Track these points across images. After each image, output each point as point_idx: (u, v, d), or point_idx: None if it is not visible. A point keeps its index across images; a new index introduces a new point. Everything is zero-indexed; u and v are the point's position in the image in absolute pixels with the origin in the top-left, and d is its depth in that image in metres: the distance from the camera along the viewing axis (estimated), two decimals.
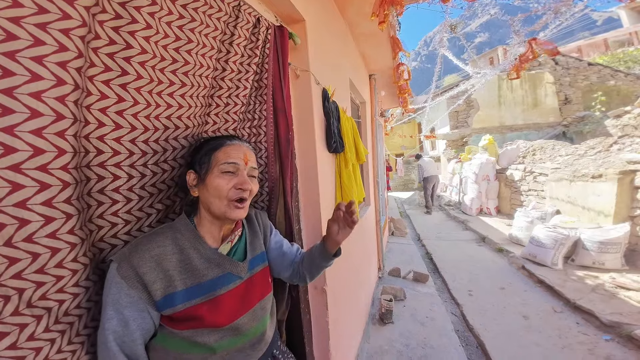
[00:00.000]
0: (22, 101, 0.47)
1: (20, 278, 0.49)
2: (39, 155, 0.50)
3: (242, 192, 0.72)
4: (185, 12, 0.75)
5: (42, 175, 0.50)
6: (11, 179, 0.47)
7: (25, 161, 0.48)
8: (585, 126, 9.01)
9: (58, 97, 0.51)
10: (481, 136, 8.47)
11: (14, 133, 0.47)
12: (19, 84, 0.47)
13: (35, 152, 0.49)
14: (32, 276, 0.51)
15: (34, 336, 0.51)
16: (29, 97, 0.48)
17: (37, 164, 0.50)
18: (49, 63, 0.50)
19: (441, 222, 7.06)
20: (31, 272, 0.50)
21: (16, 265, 0.48)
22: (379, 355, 2.23)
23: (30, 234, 0.50)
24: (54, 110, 0.51)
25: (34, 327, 0.51)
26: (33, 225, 0.50)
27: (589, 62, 10.78)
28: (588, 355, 2.11)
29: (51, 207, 0.52)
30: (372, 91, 3.45)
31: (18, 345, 0.49)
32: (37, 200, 0.50)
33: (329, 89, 1.55)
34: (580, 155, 5.10)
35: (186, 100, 0.79)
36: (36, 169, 0.50)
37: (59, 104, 0.51)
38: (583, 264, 3.41)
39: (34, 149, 0.49)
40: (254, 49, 0.98)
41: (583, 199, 4.16)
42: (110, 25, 0.60)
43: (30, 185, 0.49)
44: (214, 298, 0.69)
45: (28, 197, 0.49)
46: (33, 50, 0.48)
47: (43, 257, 0.52)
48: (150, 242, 0.65)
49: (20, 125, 0.47)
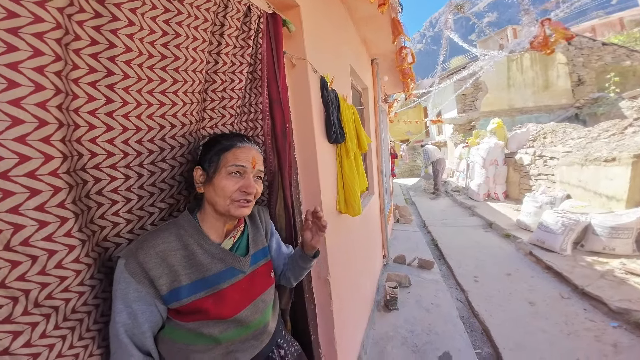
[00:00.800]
0: (1, 109, 0.46)
1: (24, 280, 0.51)
2: (25, 162, 0.50)
3: (246, 195, 0.74)
4: (171, 5, 0.71)
5: (31, 181, 0.51)
6: (0, 186, 0.47)
7: (12, 169, 0.48)
8: (599, 108, 8.68)
9: (39, 103, 0.50)
10: (489, 120, 8.24)
11: None
12: None
13: (21, 159, 0.49)
14: (35, 277, 0.53)
15: (45, 334, 0.54)
16: (7, 105, 0.47)
17: (25, 171, 0.50)
18: (25, 69, 0.48)
19: (447, 208, 7.01)
20: (34, 274, 0.52)
21: (18, 267, 0.50)
22: (384, 342, 2.27)
23: (26, 238, 0.51)
24: (35, 117, 0.50)
25: (44, 325, 0.54)
26: (28, 229, 0.51)
27: (603, 42, 10.29)
28: (594, 342, 2.10)
29: (44, 211, 0.53)
30: (375, 76, 3.34)
31: (32, 343, 0.52)
32: (29, 205, 0.51)
33: (327, 77, 1.50)
34: (593, 138, 4.93)
35: (179, 97, 0.77)
36: (24, 175, 0.50)
37: (41, 110, 0.51)
38: (593, 249, 3.35)
39: (19, 156, 0.49)
40: (246, 39, 0.94)
41: (595, 183, 4.04)
42: (91, 24, 0.58)
43: (20, 191, 0.50)
44: (218, 292, 0.72)
45: (20, 203, 0.50)
46: (6, 57, 0.46)
47: (41, 259, 0.53)
48: (155, 239, 0.67)
49: (2, 134, 0.47)
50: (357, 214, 1.75)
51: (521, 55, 9.80)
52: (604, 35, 14.80)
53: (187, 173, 0.83)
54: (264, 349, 0.82)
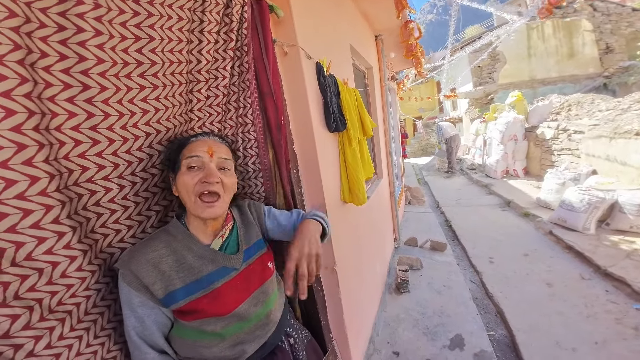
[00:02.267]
0: None
1: (35, 290, 0.55)
2: (11, 186, 0.51)
3: (208, 185, 0.71)
4: (140, 7, 0.67)
5: (22, 202, 0.52)
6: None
7: (0, 192, 0.50)
8: (630, 77, 8.00)
9: (13, 128, 0.50)
10: (508, 92, 7.74)
11: None
12: None
13: (7, 183, 0.50)
14: (45, 287, 0.56)
15: (63, 336, 0.58)
16: None
17: (13, 194, 0.51)
18: None
19: (462, 187, 6.82)
20: (42, 284, 0.56)
21: (28, 280, 0.54)
22: (395, 324, 2.30)
23: (29, 253, 0.54)
24: (12, 142, 0.50)
25: (60, 329, 0.58)
26: (29, 245, 0.54)
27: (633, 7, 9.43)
28: (615, 324, 2.03)
29: (39, 228, 0.55)
30: (380, 54, 3.17)
31: (53, 345, 0.56)
32: (24, 224, 0.53)
33: (323, 62, 1.42)
34: (624, 110, 4.53)
35: (161, 102, 0.75)
36: (14, 198, 0.51)
37: (17, 134, 0.51)
38: (619, 228, 3.18)
39: (4, 180, 0.50)
40: (228, 32, 0.89)
41: (624, 157, 3.76)
42: (56, 39, 0.56)
43: (13, 213, 0.51)
44: (213, 291, 0.73)
45: (15, 222, 0.52)
46: None
47: (46, 270, 0.56)
48: (145, 248, 0.69)
49: None
50: (362, 203, 1.72)
51: (542, 22, 9.02)
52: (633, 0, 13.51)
53: (166, 179, 0.82)
54: (271, 338, 0.84)
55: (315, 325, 1.30)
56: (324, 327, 1.33)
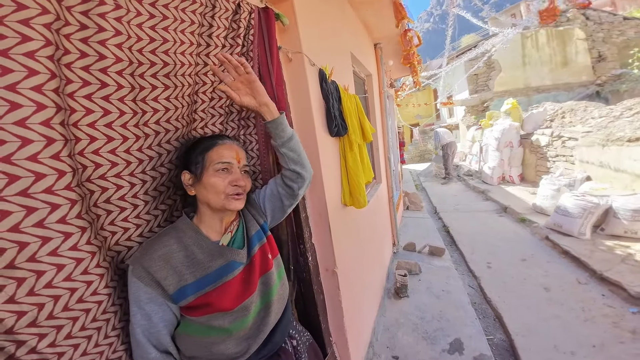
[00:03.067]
0: (10, 130, 0.48)
1: (52, 287, 0.55)
2: (41, 179, 0.52)
3: (237, 188, 0.77)
4: (156, 10, 0.70)
5: (50, 197, 0.53)
6: (23, 203, 0.50)
7: (30, 186, 0.51)
8: (622, 85, 8.18)
9: (43, 122, 0.51)
10: (503, 100, 7.88)
11: (12, 161, 0.48)
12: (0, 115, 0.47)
13: (37, 177, 0.51)
14: (63, 284, 0.56)
15: (70, 335, 0.58)
16: (14, 125, 0.48)
17: (42, 188, 0.52)
18: (24, 89, 0.49)
19: (459, 193, 6.87)
20: (60, 281, 0.56)
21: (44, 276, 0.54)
22: (394, 328, 2.30)
23: (54, 249, 0.54)
24: (43, 136, 0.51)
25: (69, 328, 0.58)
26: (55, 241, 0.54)
27: (624, 16, 9.69)
28: (612, 328, 2.05)
29: (66, 223, 0.56)
30: (379, 62, 3.24)
31: (57, 344, 0.56)
32: (52, 219, 0.54)
33: (325, 68, 1.46)
34: (616, 117, 4.64)
35: (171, 102, 0.78)
36: (43, 192, 0.52)
37: (46, 129, 0.52)
38: (614, 233, 3.22)
39: (34, 174, 0.51)
40: (235, 37, 0.92)
41: (617, 164, 3.84)
42: (78, 37, 0.58)
43: (41, 207, 0.52)
44: (221, 285, 0.75)
45: (43, 217, 0.53)
46: (3, 79, 0.47)
47: (68, 267, 0.57)
48: (156, 244, 0.71)
49: (15, 154, 0.48)
50: (363, 206, 1.74)
51: (536, 31, 9.24)
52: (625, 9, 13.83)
53: (175, 178, 0.85)
54: (275, 337, 0.85)
55: (315, 328, 1.30)
56: (324, 330, 1.34)
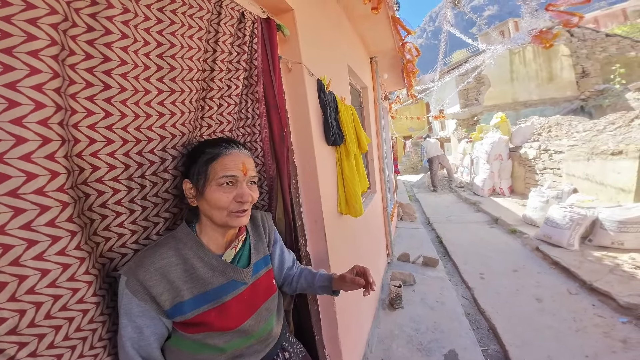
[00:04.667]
0: (4, 128, 0.47)
1: (34, 293, 0.52)
2: (32, 180, 0.50)
3: (242, 205, 0.71)
4: (163, 15, 0.71)
5: (40, 198, 0.51)
6: (11, 204, 0.48)
7: (20, 186, 0.49)
8: (604, 100, 8.53)
9: (40, 121, 0.50)
10: (493, 114, 8.16)
11: (3, 160, 0.47)
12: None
13: (29, 177, 0.50)
14: (46, 290, 0.53)
15: (53, 344, 0.55)
16: (10, 124, 0.47)
17: (33, 189, 0.50)
18: (24, 88, 0.48)
19: (452, 205, 6.96)
20: (43, 287, 0.53)
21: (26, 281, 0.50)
22: (389, 340, 2.27)
23: (40, 253, 0.52)
24: (38, 135, 0.50)
25: (52, 337, 0.54)
26: (41, 244, 0.52)
27: (606, 32, 10.14)
28: (603, 337, 2.08)
29: (54, 226, 0.54)
30: (374, 75, 3.32)
31: (38, 353, 0.52)
32: (40, 221, 0.51)
33: (324, 79, 1.50)
34: (599, 131, 4.85)
35: (178, 107, 0.77)
36: (33, 193, 0.50)
37: (43, 128, 0.51)
38: (601, 244, 3.31)
39: (26, 174, 0.49)
40: (241, 45, 0.94)
41: (602, 176, 3.98)
42: (84, 39, 0.58)
43: (30, 208, 0.50)
44: (221, 304, 0.71)
45: (31, 219, 0.50)
46: (4, 77, 0.47)
47: (53, 272, 0.54)
48: (153, 255, 0.66)
49: (7, 153, 0.47)
50: (359, 215, 1.75)
51: (523, 48, 9.67)
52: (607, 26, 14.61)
53: (179, 185, 0.81)
54: (270, 352, 0.82)
55: (308, 340, 1.27)
56: (317, 342, 1.31)
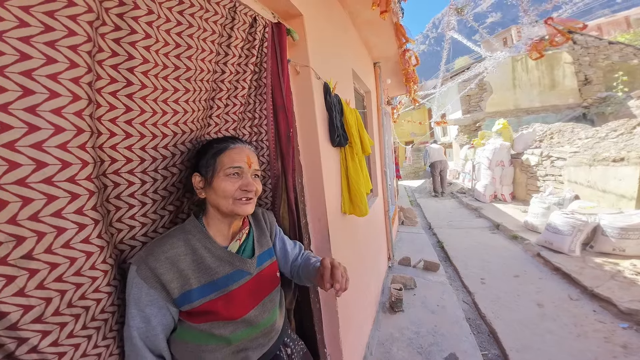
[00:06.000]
0: (45, 118, 0.49)
1: (61, 281, 0.53)
2: (67, 168, 0.53)
3: (247, 193, 0.76)
4: (183, 18, 0.75)
5: (72, 186, 0.54)
6: (45, 191, 0.50)
7: (55, 174, 0.51)
8: (607, 107, 8.53)
9: (76, 112, 0.54)
10: (495, 120, 8.19)
11: (43, 148, 0.50)
12: (39, 102, 0.49)
13: (64, 165, 0.52)
14: (71, 278, 0.55)
15: (72, 334, 0.56)
16: (50, 113, 0.50)
17: (66, 176, 0.53)
18: (64, 80, 0.51)
19: (453, 210, 6.96)
20: (70, 275, 0.55)
21: (57, 269, 0.53)
22: (389, 343, 2.27)
23: (67, 241, 0.54)
24: (74, 125, 0.53)
25: (72, 326, 0.56)
26: (69, 232, 0.54)
27: (609, 40, 10.13)
28: (604, 343, 2.07)
29: (82, 214, 0.56)
30: (377, 80, 3.37)
31: (59, 343, 0.53)
32: (70, 209, 0.54)
33: (330, 82, 1.54)
34: (601, 138, 4.87)
35: (190, 105, 0.81)
36: (66, 180, 0.53)
37: (78, 119, 0.54)
38: (602, 250, 3.30)
39: (62, 162, 0.52)
40: (251, 48, 0.98)
41: (603, 183, 3.99)
42: (111, 37, 0.61)
43: (62, 196, 0.53)
44: (227, 293, 0.74)
45: (62, 207, 0.53)
46: (47, 68, 0.49)
47: (79, 260, 0.56)
48: (164, 245, 0.69)
49: (47, 141, 0.50)
50: (364, 214, 1.77)
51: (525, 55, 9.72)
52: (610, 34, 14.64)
53: (185, 180, 0.85)
54: (272, 347, 0.85)
55: (310, 338, 1.29)
56: (318, 342, 1.32)
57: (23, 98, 0.47)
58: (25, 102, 0.47)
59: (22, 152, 0.47)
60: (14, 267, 0.47)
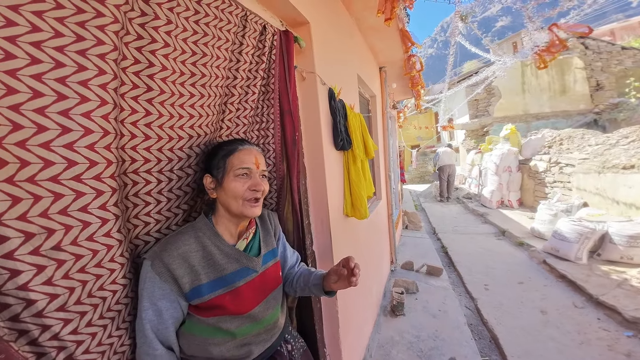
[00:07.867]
0: (76, 120, 0.55)
1: (84, 272, 0.58)
2: (94, 166, 0.58)
3: (256, 193, 0.80)
4: (198, 27, 0.81)
5: (98, 183, 0.59)
6: (74, 187, 0.56)
7: (84, 172, 0.57)
8: (619, 113, 8.34)
9: (103, 116, 0.59)
10: (503, 125, 8.10)
11: (74, 148, 0.55)
12: (72, 106, 0.54)
13: (91, 164, 0.57)
14: (93, 270, 0.59)
15: (91, 323, 0.60)
16: (81, 116, 0.55)
17: (93, 175, 0.58)
18: (93, 86, 0.57)
19: (458, 215, 6.90)
20: (92, 267, 0.59)
21: (80, 260, 0.57)
22: (389, 346, 2.29)
23: (92, 234, 0.58)
24: (101, 127, 0.59)
25: (91, 315, 0.60)
26: (93, 226, 0.59)
27: (622, 45, 9.89)
28: (607, 351, 2.05)
29: (105, 210, 0.61)
30: (383, 84, 3.41)
31: (79, 331, 0.57)
32: (95, 204, 0.59)
33: (335, 88, 1.58)
34: (612, 144, 4.79)
35: (204, 109, 0.86)
36: (92, 178, 0.58)
37: (104, 122, 0.59)
38: (610, 258, 3.25)
39: (89, 161, 0.57)
40: (261, 55, 1.04)
41: (613, 190, 3.93)
42: (134, 45, 0.67)
43: (89, 192, 0.58)
44: (235, 289, 0.79)
45: (88, 202, 0.58)
46: (78, 75, 0.55)
47: (101, 253, 0.60)
48: (177, 241, 0.73)
49: (77, 142, 0.55)
50: (364, 218, 1.81)
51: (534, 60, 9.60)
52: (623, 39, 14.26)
53: (199, 180, 0.89)
54: (274, 342, 0.89)
55: (310, 337, 1.32)
56: (318, 341, 1.35)
57: (57, 102, 0.52)
58: (59, 106, 0.53)
59: (56, 151, 0.53)
60: (45, 257, 0.52)
